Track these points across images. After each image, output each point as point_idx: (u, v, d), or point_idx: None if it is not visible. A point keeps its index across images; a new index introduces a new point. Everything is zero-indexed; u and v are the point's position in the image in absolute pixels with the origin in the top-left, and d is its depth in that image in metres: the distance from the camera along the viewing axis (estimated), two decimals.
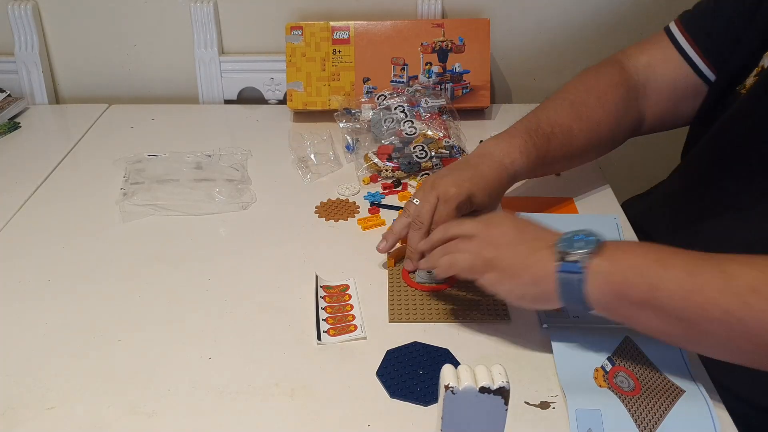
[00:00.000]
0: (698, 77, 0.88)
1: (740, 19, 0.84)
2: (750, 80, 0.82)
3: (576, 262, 0.62)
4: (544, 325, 0.74)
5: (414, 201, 0.81)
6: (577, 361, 0.69)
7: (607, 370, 0.68)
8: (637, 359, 0.69)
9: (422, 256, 0.77)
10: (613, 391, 0.65)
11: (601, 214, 0.93)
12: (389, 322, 0.75)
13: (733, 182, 0.81)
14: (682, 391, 0.66)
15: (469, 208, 0.80)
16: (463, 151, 1.05)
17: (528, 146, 0.84)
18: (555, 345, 0.71)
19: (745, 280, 0.57)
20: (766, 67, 0.80)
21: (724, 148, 0.83)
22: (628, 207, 0.95)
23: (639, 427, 0.62)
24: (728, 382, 0.68)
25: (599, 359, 0.69)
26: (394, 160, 1.02)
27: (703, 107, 0.90)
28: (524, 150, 0.83)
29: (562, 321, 0.74)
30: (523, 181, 1.00)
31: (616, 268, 0.61)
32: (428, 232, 0.78)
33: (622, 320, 0.64)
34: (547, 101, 0.90)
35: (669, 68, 0.90)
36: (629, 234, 0.89)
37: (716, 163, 0.84)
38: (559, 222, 0.91)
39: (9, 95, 1.27)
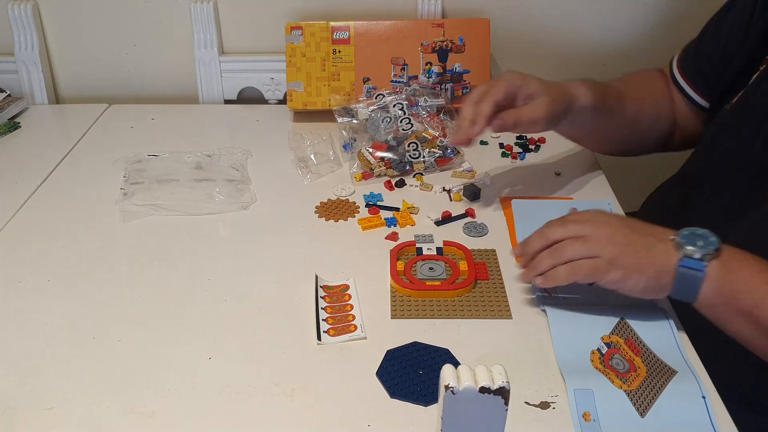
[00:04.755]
0: (694, 106, 0.95)
1: (734, 38, 0.88)
2: (737, 99, 0.86)
3: (699, 260, 0.66)
4: (542, 308, 0.75)
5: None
6: (575, 344, 0.71)
7: (603, 352, 0.69)
8: (632, 341, 0.71)
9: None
10: (608, 373, 0.67)
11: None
12: (391, 318, 0.75)
13: (726, 192, 0.83)
14: (674, 372, 0.67)
15: (525, 92, 0.85)
16: (458, 152, 1.05)
17: (591, 84, 0.90)
18: (553, 328, 0.72)
19: None
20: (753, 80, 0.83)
21: (714, 159, 0.86)
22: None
23: (634, 406, 0.64)
24: (730, 386, 0.69)
25: (596, 341, 0.70)
26: (387, 158, 1.02)
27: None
28: (589, 85, 0.90)
29: (559, 303, 0.76)
30: (523, 181, 1.01)
31: (732, 278, 0.66)
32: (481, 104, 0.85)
33: (716, 321, 0.68)
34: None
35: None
36: None
37: (708, 172, 0.87)
38: (553, 207, 0.91)
39: (9, 95, 1.27)
